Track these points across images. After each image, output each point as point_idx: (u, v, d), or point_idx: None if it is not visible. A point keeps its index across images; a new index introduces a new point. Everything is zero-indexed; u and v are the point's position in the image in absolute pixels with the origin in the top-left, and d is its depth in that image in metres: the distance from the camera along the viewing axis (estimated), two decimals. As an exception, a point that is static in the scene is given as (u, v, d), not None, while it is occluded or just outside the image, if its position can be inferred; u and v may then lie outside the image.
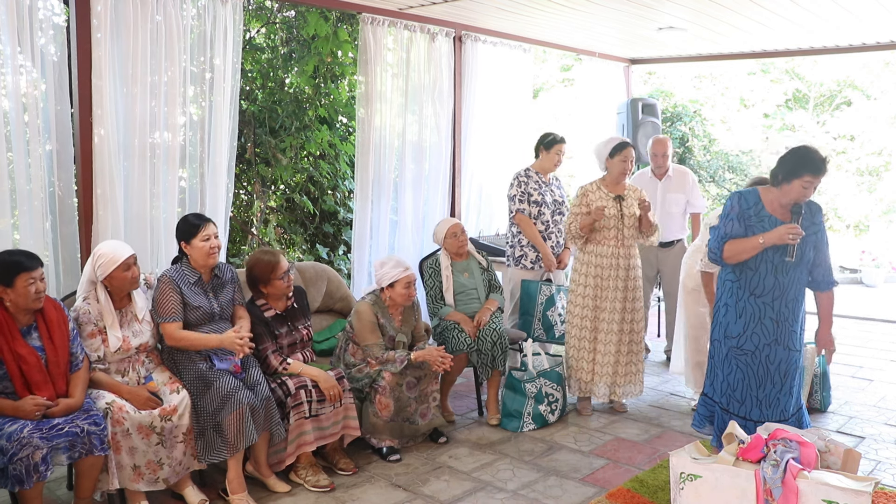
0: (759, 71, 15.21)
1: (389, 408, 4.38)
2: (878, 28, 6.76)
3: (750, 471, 3.24)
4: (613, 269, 5.03)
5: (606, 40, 7.64)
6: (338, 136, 7.67)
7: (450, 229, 5.18)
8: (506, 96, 7.14)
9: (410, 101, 6.36)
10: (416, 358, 4.43)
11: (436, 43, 6.42)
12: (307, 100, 7.50)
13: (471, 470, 4.32)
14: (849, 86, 15.55)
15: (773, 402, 3.82)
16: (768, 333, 3.75)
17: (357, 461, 4.34)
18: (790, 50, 8.05)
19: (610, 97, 8.49)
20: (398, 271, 4.51)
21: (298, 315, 4.37)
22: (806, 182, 3.62)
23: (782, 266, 3.72)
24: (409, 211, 6.46)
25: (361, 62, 5.97)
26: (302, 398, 4.02)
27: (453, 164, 6.74)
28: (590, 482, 4.17)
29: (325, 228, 7.71)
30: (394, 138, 6.25)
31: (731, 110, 14.85)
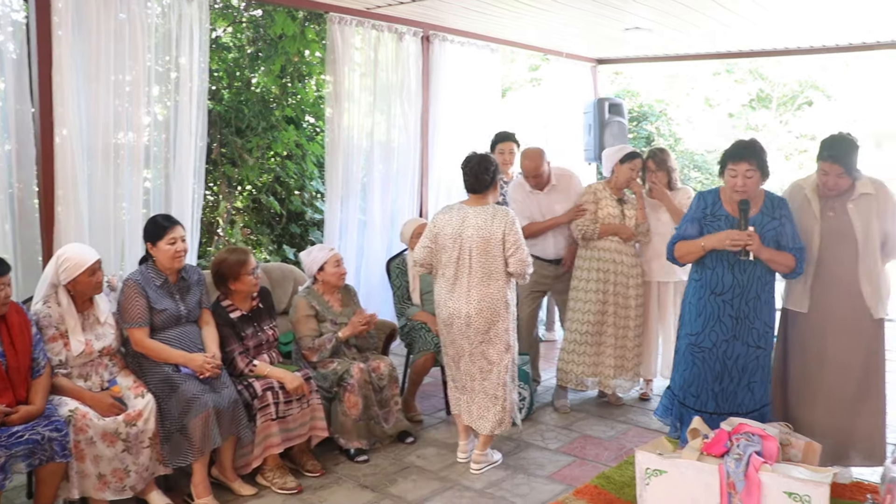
0: (723, 71, 15.40)
1: (358, 406, 4.36)
2: (838, 31, 6.88)
3: (714, 465, 3.28)
4: (616, 265, 5.12)
5: (573, 40, 7.68)
6: (305, 136, 7.62)
7: (416, 229, 5.17)
8: (474, 96, 7.15)
9: (379, 100, 6.34)
10: (343, 336, 4.47)
11: (403, 43, 6.41)
12: (274, 99, 7.45)
13: (438, 469, 4.31)
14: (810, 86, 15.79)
15: (729, 397, 3.88)
16: (726, 330, 3.81)
17: (325, 463, 4.31)
18: (753, 51, 8.16)
19: (577, 97, 8.53)
20: (324, 253, 4.58)
21: (264, 316, 4.34)
22: (731, 171, 3.72)
23: (739, 264, 3.77)
24: (378, 211, 6.44)
25: (329, 62, 5.94)
26: (269, 400, 3.98)
27: (422, 163, 6.73)
28: (557, 479, 4.19)
29: (292, 229, 7.66)
30: (362, 138, 6.23)
31: (697, 110, 15.01)
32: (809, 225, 3.94)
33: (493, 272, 4.11)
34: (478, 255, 4.09)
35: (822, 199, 3.94)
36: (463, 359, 4.23)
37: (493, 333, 4.16)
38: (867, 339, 3.94)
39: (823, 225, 3.92)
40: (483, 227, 4.09)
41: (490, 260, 4.09)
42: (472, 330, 4.14)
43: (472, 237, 4.09)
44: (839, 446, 3.96)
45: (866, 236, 3.85)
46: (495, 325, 4.15)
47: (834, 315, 3.94)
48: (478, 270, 4.10)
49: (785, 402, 4.16)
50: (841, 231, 3.89)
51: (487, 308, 4.11)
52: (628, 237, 5.15)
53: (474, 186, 4.21)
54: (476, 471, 4.27)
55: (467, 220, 4.13)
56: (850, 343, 3.93)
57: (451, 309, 4.17)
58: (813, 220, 3.94)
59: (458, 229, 4.14)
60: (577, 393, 5.51)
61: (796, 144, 15.26)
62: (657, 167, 5.25)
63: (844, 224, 3.88)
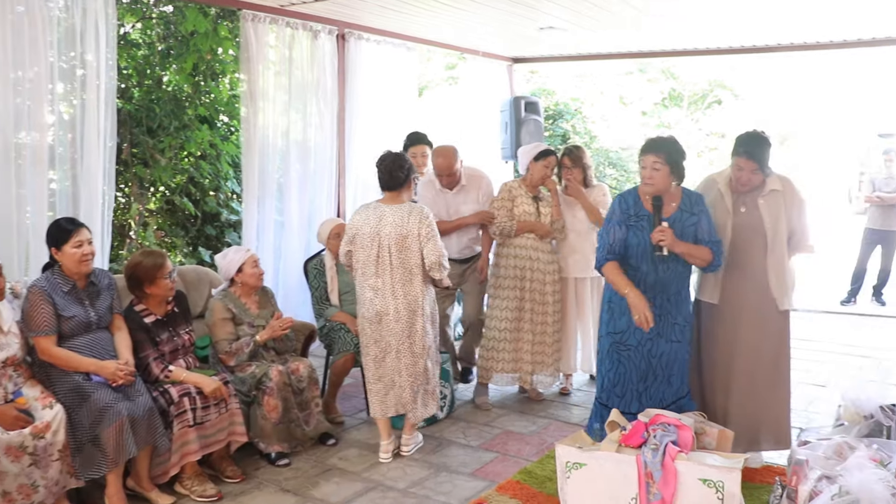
0: (636, 71, 15.78)
1: (278, 409, 4.31)
2: (745, 33, 7.15)
3: (632, 456, 3.36)
4: (533, 262, 5.20)
5: (489, 39, 7.76)
6: (219, 136, 7.48)
7: (333, 229, 5.15)
8: (390, 95, 7.15)
9: (294, 99, 6.29)
10: (261, 339, 4.43)
11: (319, 41, 6.36)
12: (186, 98, 7.28)
13: (361, 470, 4.30)
14: (719, 86, 16.34)
15: (652, 394, 3.96)
16: (651, 329, 3.85)
17: (245, 468, 4.25)
18: (665, 51, 8.41)
19: (493, 95, 8.62)
20: (241, 254, 4.52)
21: (180, 320, 4.24)
22: (641, 162, 3.81)
23: (663, 263, 3.84)
24: (295, 211, 6.38)
25: (243, 60, 5.86)
26: (185, 406, 3.90)
27: (338, 163, 6.70)
28: (480, 476, 4.23)
29: (208, 231, 7.51)
30: (278, 137, 6.16)
31: (611, 108, 15.35)
32: (722, 219, 4.07)
33: (412, 267, 4.26)
34: (397, 252, 4.21)
35: (734, 195, 4.07)
36: (389, 355, 4.33)
37: (418, 327, 4.31)
38: (775, 329, 4.11)
39: (735, 219, 4.05)
40: (400, 225, 4.21)
41: (409, 256, 4.23)
42: (400, 326, 4.28)
43: (389, 235, 4.21)
44: (751, 432, 4.12)
45: (775, 231, 4.00)
46: (420, 318, 4.31)
47: (744, 306, 4.09)
48: (398, 267, 4.23)
49: (700, 391, 4.30)
50: (752, 226, 4.03)
51: (412, 303, 4.28)
52: (544, 234, 5.23)
53: (389, 184, 4.31)
54: (406, 451, 4.50)
55: (384, 219, 4.24)
56: (760, 333, 4.09)
57: (378, 306, 4.28)
58: (726, 214, 4.07)
59: (375, 228, 4.24)
60: (498, 389, 5.57)
61: (707, 142, 15.78)
62: (573, 164, 5.34)
63: (755, 219, 4.02)
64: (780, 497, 3.52)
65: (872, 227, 8.45)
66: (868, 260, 8.52)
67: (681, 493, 3.25)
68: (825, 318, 7.92)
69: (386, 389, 4.40)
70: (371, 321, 4.32)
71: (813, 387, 5.63)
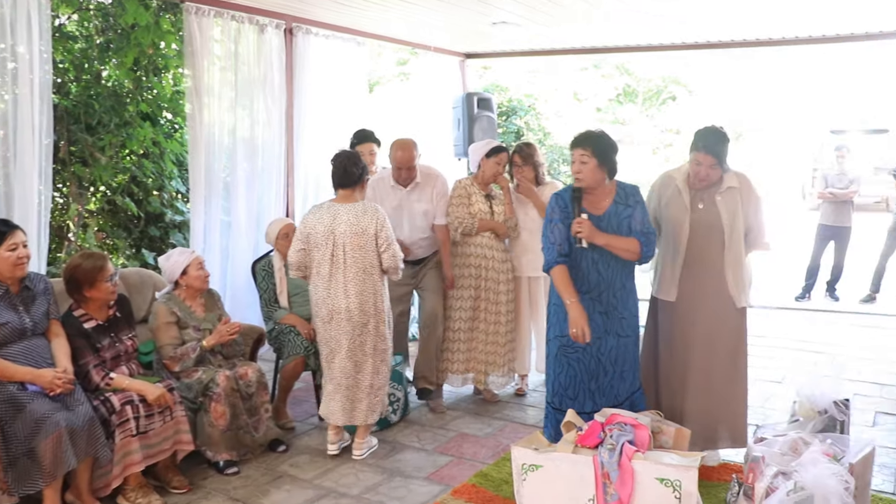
0: (591, 67, 15.94)
1: (225, 416, 4.25)
2: (698, 28, 7.25)
3: (588, 457, 3.38)
4: (488, 261, 5.22)
5: (441, 34, 7.75)
6: (162, 134, 7.35)
7: (282, 230, 5.10)
8: (340, 91, 7.09)
9: (241, 95, 6.21)
10: (208, 344, 4.37)
11: (265, 35, 6.29)
12: (127, 94, 7.14)
13: (313, 477, 4.26)
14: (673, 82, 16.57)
15: (606, 391, 3.97)
16: (598, 327, 3.88)
17: (192, 477, 4.18)
18: (618, 46, 8.48)
19: (446, 91, 8.62)
20: (185, 257, 4.45)
21: (122, 325, 4.15)
22: (572, 156, 3.85)
23: (602, 260, 3.86)
24: (243, 211, 6.30)
25: (187, 54, 5.77)
26: (128, 415, 3.81)
27: (287, 161, 6.63)
28: (435, 480, 4.21)
29: (152, 232, 7.38)
30: (224, 135, 6.08)
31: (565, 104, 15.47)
32: (680, 216, 4.11)
33: (367, 266, 4.30)
34: (351, 250, 4.25)
35: (692, 191, 4.12)
36: (339, 355, 4.36)
37: (371, 326, 4.35)
38: (732, 326, 4.16)
39: (693, 216, 4.09)
40: (355, 223, 4.25)
41: (364, 254, 4.27)
42: (351, 325, 4.31)
43: (344, 233, 4.25)
44: (708, 430, 4.17)
45: (732, 228, 4.05)
46: (373, 317, 4.35)
47: (701, 304, 4.13)
48: (352, 266, 4.26)
49: (657, 389, 4.34)
50: (709, 222, 4.07)
51: (365, 302, 4.31)
52: (503, 234, 5.24)
53: (343, 180, 4.36)
54: (358, 455, 4.49)
55: (339, 217, 4.28)
56: (717, 331, 4.14)
57: (330, 305, 4.31)
58: (683, 210, 4.10)
59: (330, 226, 4.27)
60: (453, 391, 5.57)
61: (662, 138, 15.98)
62: (523, 162, 5.34)
63: (713, 216, 4.06)
64: (737, 495, 3.58)
65: (825, 223, 8.64)
66: (821, 256, 8.70)
67: (638, 492, 3.27)
68: (780, 315, 8.07)
69: (334, 391, 4.43)
70: (323, 320, 4.36)
71: (769, 383, 5.73)
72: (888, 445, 4.59)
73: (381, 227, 4.29)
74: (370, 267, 4.30)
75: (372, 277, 4.32)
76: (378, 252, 4.31)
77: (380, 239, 4.29)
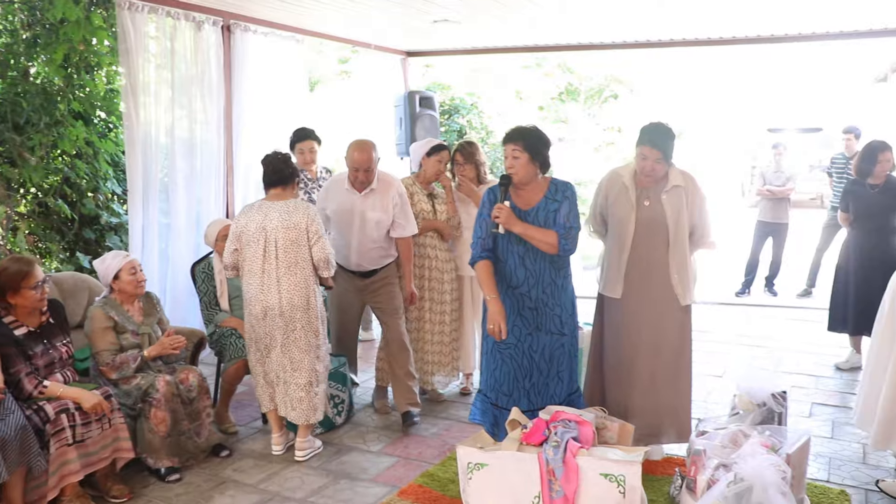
0: (533, 65, 16.07)
1: (166, 421, 4.21)
2: (639, 28, 7.40)
3: (533, 454, 3.44)
4: (431, 260, 5.27)
5: (382, 32, 7.77)
6: (96, 133, 7.21)
7: (221, 231, 5.06)
8: (280, 89, 7.07)
9: (178, 94, 6.14)
10: (150, 355, 4.33)
11: (202, 32, 6.23)
12: (58, 92, 6.98)
13: (257, 482, 4.25)
14: (615, 80, 16.82)
15: (541, 390, 4.02)
16: (528, 323, 3.95)
17: (132, 486, 4.14)
18: (560, 45, 8.61)
19: (387, 89, 8.64)
20: (118, 260, 4.40)
21: (56, 331, 4.08)
22: (505, 151, 3.90)
23: (529, 255, 3.91)
24: (182, 212, 6.24)
25: (121, 51, 5.70)
26: (63, 423, 3.75)
27: (226, 161, 6.58)
28: (381, 482, 4.24)
29: (86, 234, 7.22)
30: (162, 135, 6.01)
31: (508, 103, 15.58)
32: (626, 213, 4.20)
33: (299, 261, 4.36)
34: (283, 245, 4.32)
35: (638, 189, 4.21)
36: (274, 350, 4.40)
37: (304, 322, 4.39)
38: (676, 323, 4.26)
39: (639, 213, 4.18)
40: (286, 218, 4.33)
41: (296, 249, 4.35)
42: (284, 320, 4.35)
43: (276, 228, 4.33)
44: (653, 426, 4.27)
45: (677, 226, 4.15)
46: (306, 313, 4.39)
47: (647, 300, 4.23)
48: (284, 261, 4.33)
49: (602, 385, 4.43)
50: (655, 220, 4.16)
51: (297, 297, 4.36)
52: (447, 235, 5.28)
53: (273, 179, 4.46)
54: (301, 457, 4.51)
55: (269, 214, 4.36)
56: (662, 327, 4.24)
57: (263, 302, 4.37)
58: (629, 208, 4.19)
59: (261, 223, 4.34)
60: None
61: (604, 137, 16.20)
62: (465, 160, 5.36)
63: (658, 213, 4.16)
64: (681, 488, 3.69)
65: (763, 219, 8.89)
66: (760, 252, 8.94)
67: (583, 488, 3.35)
68: (721, 310, 8.28)
69: (271, 387, 4.47)
70: (257, 317, 4.40)
71: (710, 377, 5.88)
72: (823, 435, 4.78)
73: (311, 221, 4.36)
74: (302, 261, 4.37)
75: (304, 272, 4.37)
76: (309, 246, 4.37)
77: (310, 233, 4.36)
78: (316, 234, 4.36)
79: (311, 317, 4.41)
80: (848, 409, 5.18)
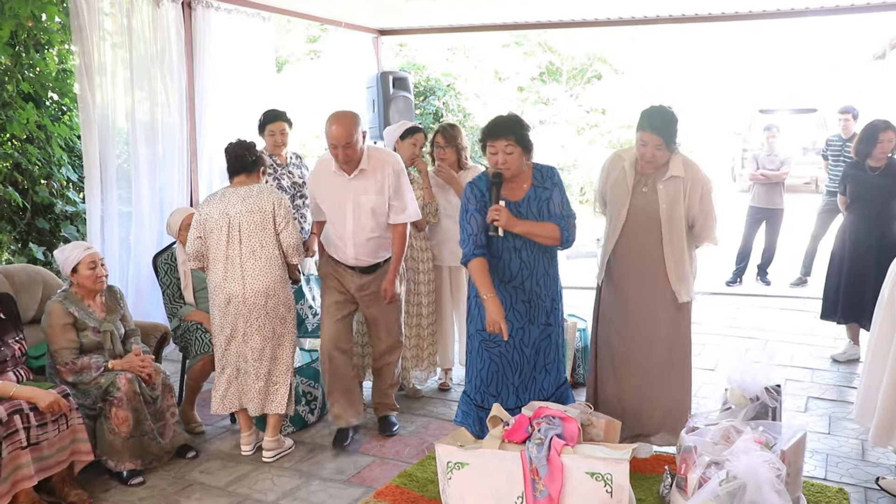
0: (513, 44, 16.06)
1: (128, 422, 4.19)
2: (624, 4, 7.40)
3: (516, 452, 3.45)
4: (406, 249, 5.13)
5: (353, 9, 7.72)
6: (48, 116, 7.12)
7: (185, 220, 5.03)
8: (245, 69, 7.01)
9: (137, 75, 6.08)
10: (115, 367, 4.29)
11: (161, 9, 6.17)
12: (5, 72, 6.88)
13: (226, 484, 4.24)
14: (598, 59, 16.85)
15: (529, 385, 4.04)
16: (521, 316, 3.96)
17: (92, 490, 4.11)
18: (540, 22, 8.59)
19: (359, 70, 8.60)
20: (77, 252, 4.36)
21: (8, 327, 4.04)
22: (491, 148, 3.86)
23: (525, 247, 3.92)
24: (145, 200, 6.20)
25: (74, 29, 5.61)
26: (17, 425, 3.70)
27: (189, 146, 6.53)
28: (356, 483, 4.24)
29: (40, 224, 7.15)
30: (120, 118, 5.95)
31: (486, 84, 15.56)
32: (621, 198, 4.21)
33: (264, 246, 4.40)
34: (247, 230, 4.38)
35: (638, 175, 4.21)
36: (235, 340, 4.43)
37: (269, 308, 4.42)
38: (669, 315, 4.27)
39: (633, 200, 4.19)
40: (251, 203, 4.40)
41: (261, 233, 4.39)
42: (247, 307, 4.38)
43: (240, 212, 4.38)
44: (645, 422, 4.31)
45: (670, 218, 4.14)
46: (271, 299, 4.41)
47: (636, 291, 4.26)
48: (248, 245, 4.38)
49: (595, 379, 4.48)
50: (649, 209, 4.16)
51: (262, 283, 4.39)
52: (422, 225, 5.25)
53: (235, 167, 4.53)
54: (269, 458, 4.52)
55: (232, 200, 4.41)
56: (652, 319, 4.26)
57: (227, 290, 4.40)
58: (625, 193, 4.20)
59: (224, 209, 4.38)
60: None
61: (587, 119, 16.23)
62: (446, 143, 5.31)
63: (654, 203, 4.16)
64: (670, 486, 3.71)
65: (756, 205, 8.92)
66: (753, 239, 8.99)
67: (568, 488, 3.36)
68: (711, 300, 8.31)
69: (229, 381, 4.48)
70: (220, 307, 4.42)
71: (701, 371, 5.90)
72: (820, 431, 4.82)
73: (278, 204, 4.40)
74: (268, 246, 4.40)
75: (269, 258, 4.40)
76: (276, 231, 4.41)
77: (277, 217, 4.39)
78: (284, 218, 4.39)
79: (276, 303, 4.43)
80: (845, 404, 5.23)
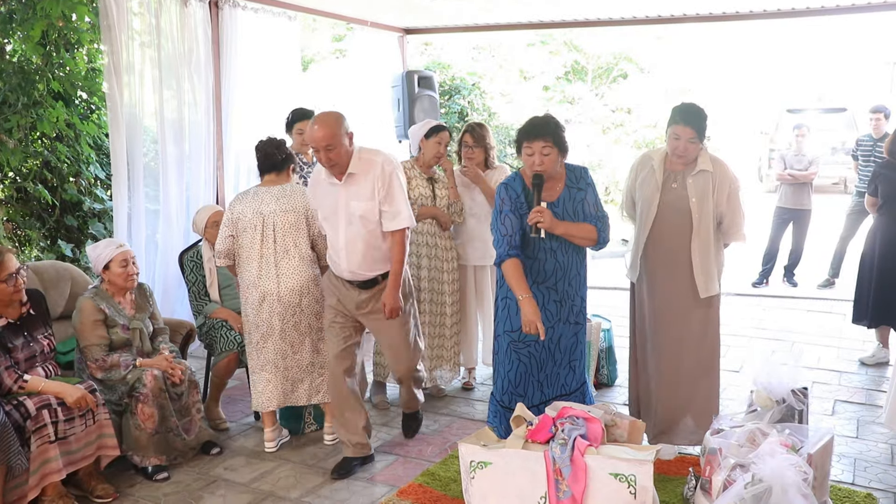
0: (538, 42, 16.01)
1: (154, 417, 4.23)
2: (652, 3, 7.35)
3: (539, 452, 3.43)
4: (430, 248, 5.24)
5: (378, 8, 7.72)
6: (77, 115, 7.20)
7: (211, 217, 5.06)
8: (271, 68, 7.05)
9: (165, 74, 6.12)
10: (144, 366, 4.32)
11: (189, 8, 6.21)
12: (36, 71, 6.96)
13: (249, 481, 4.26)
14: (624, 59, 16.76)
15: (552, 380, 4.06)
16: (552, 316, 3.95)
17: (118, 485, 4.15)
18: (567, 21, 8.56)
19: (384, 69, 8.60)
20: (110, 250, 4.39)
21: (37, 323, 4.09)
22: (528, 149, 3.84)
23: (561, 248, 3.92)
24: (173, 198, 6.25)
25: (103, 28, 5.67)
26: (45, 419, 3.76)
27: (216, 144, 6.57)
28: (379, 481, 4.25)
29: (68, 221, 7.23)
30: (147, 117, 6.00)
31: (511, 83, 15.53)
32: (651, 194, 4.23)
33: (297, 245, 4.47)
34: (281, 230, 4.43)
35: (667, 172, 4.23)
36: (272, 338, 4.47)
37: (304, 306, 4.48)
38: (700, 313, 4.27)
39: (663, 196, 4.20)
40: (284, 203, 4.46)
41: (294, 233, 4.45)
42: (282, 305, 4.43)
43: (274, 212, 4.43)
44: (675, 421, 4.30)
45: (700, 212, 4.15)
46: (305, 297, 4.47)
47: (667, 287, 4.26)
48: (282, 245, 4.44)
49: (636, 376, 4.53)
50: (680, 205, 4.18)
51: (296, 281, 4.45)
52: (446, 224, 5.25)
53: (265, 165, 4.58)
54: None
55: (266, 199, 4.45)
56: (684, 317, 4.26)
57: (262, 288, 4.44)
58: (655, 189, 4.22)
59: (257, 208, 4.42)
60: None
61: (612, 118, 16.15)
62: (475, 143, 5.33)
63: (684, 199, 4.18)
64: (695, 489, 3.68)
65: (784, 205, 8.83)
66: (780, 240, 8.90)
67: (592, 488, 3.34)
68: (737, 301, 8.23)
69: (268, 378, 4.50)
70: (253, 305, 4.45)
71: (726, 372, 5.81)
72: (847, 434, 4.77)
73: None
74: (301, 245, 4.47)
75: (303, 257, 4.47)
76: (309, 231, 4.49)
77: (309, 216, 4.48)
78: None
79: (310, 300, 4.49)
80: (874, 408, 5.17)
